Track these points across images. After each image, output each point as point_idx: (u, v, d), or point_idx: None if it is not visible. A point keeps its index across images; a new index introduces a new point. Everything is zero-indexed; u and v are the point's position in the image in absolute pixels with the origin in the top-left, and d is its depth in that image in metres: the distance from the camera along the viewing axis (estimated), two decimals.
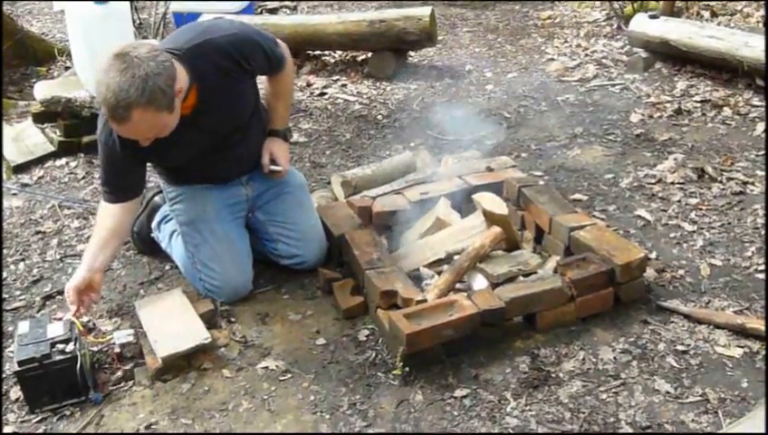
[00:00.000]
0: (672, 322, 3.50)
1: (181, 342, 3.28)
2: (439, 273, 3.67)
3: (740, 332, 3.39)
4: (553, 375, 3.20)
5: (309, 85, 6.76)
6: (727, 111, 5.79)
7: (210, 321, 3.51)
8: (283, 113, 3.84)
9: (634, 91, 6.33)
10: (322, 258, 3.93)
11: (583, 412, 3.00)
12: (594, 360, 3.28)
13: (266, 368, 3.31)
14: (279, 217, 3.84)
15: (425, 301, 3.34)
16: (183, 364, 3.29)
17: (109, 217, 3.47)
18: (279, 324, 3.60)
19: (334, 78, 6.97)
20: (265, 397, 3.15)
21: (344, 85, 6.79)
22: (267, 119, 3.79)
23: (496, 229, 3.69)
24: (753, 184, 4.67)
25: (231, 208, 3.76)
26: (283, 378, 3.25)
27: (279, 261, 3.90)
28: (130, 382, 3.24)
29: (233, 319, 3.63)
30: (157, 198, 4.05)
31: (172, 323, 3.39)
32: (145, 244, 4.14)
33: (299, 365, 3.32)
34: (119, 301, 3.79)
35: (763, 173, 4.81)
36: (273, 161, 3.75)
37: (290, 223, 3.83)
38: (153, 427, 3.01)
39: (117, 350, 3.32)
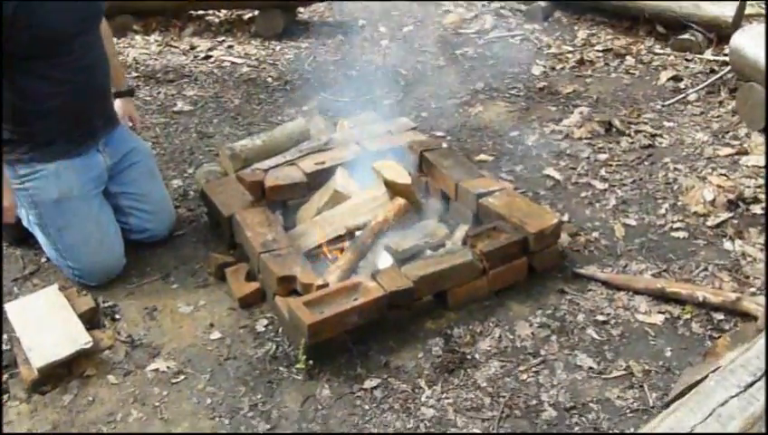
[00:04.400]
0: (590, 290, 3.35)
1: (59, 348, 2.95)
2: (339, 251, 3.40)
3: (660, 296, 3.26)
4: (469, 357, 3.00)
5: (192, 48, 6.34)
6: (630, 60, 5.72)
7: (92, 320, 3.20)
8: (120, 68, 4.08)
9: (534, 42, 6.19)
10: (172, 230, 3.83)
11: (503, 396, 2.82)
12: (511, 337, 3.10)
13: (156, 370, 3.01)
14: (132, 187, 3.69)
15: (326, 285, 3.07)
16: (63, 373, 2.97)
17: None
18: (168, 319, 3.29)
19: (219, 39, 6.56)
20: (157, 404, 2.86)
21: (231, 47, 6.40)
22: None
23: (400, 201, 3.46)
24: (661, 136, 4.59)
25: (95, 182, 3.53)
26: (175, 380, 2.96)
27: (129, 236, 3.68)
28: (5, 397, 2.90)
29: (117, 316, 3.31)
30: None
31: (48, 327, 3.05)
32: (13, 231, 3.74)
33: (192, 364, 3.04)
34: None
35: (671, 124, 4.73)
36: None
37: (142, 195, 3.70)
38: None
39: None
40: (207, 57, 6.19)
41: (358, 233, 3.46)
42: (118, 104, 3.86)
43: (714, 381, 2.24)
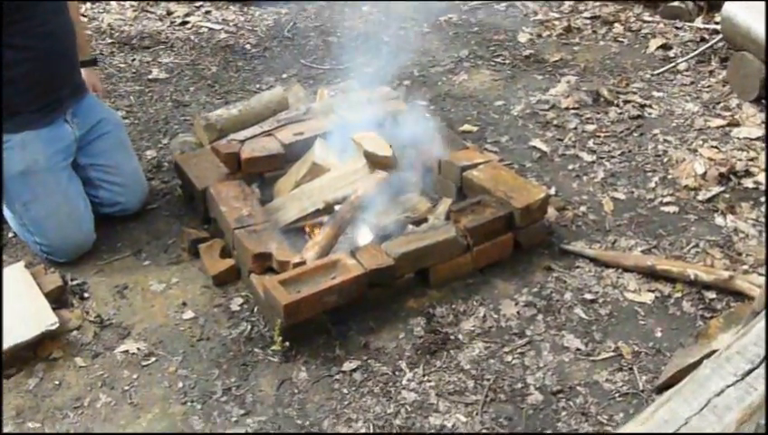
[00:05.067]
0: (577, 267, 3.23)
1: (24, 329, 2.83)
2: (318, 227, 3.27)
3: (650, 274, 3.15)
4: (452, 337, 2.89)
5: (169, 14, 6.17)
6: (619, 28, 5.59)
7: (59, 299, 3.08)
8: (85, 37, 3.97)
9: (520, 9, 6.05)
10: (144, 203, 3.72)
11: (488, 379, 2.71)
12: (496, 316, 2.99)
13: (126, 352, 2.89)
14: (101, 159, 3.56)
15: (303, 263, 2.95)
16: (28, 355, 2.85)
17: None
18: (139, 297, 3.16)
19: (197, 4, 6.36)
20: (126, 388, 2.74)
21: (208, 12, 6.23)
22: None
23: (381, 174, 3.32)
24: (650, 106, 4.47)
25: (63, 154, 3.40)
26: (146, 363, 2.84)
27: (99, 210, 3.55)
28: None
29: (86, 294, 3.18)
30: None
31: (13, 307, 2.91)
32: None
33: (164, 346, 2.92)
34: None
35: (660, 94, 4.61)
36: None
37: (113, 167, 3.58)
38: None
39: None
40: (184, 23, 6.02)
41: (337, 207, 3.32)
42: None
43: (709, 368, 2.12)
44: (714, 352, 2.36)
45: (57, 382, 2.76)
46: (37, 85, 3.26)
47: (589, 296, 3.07)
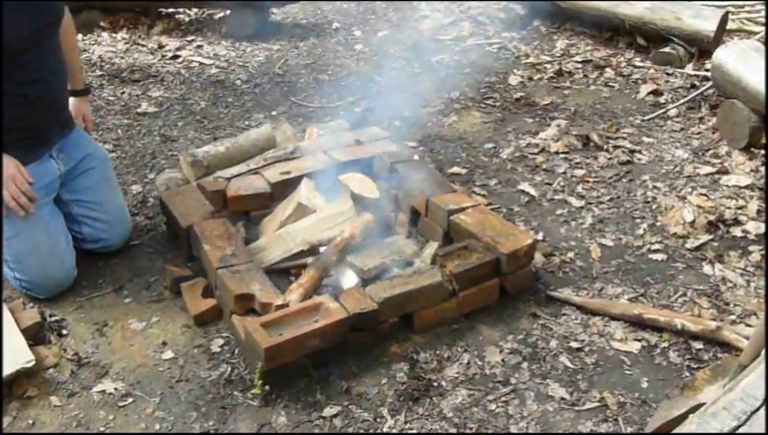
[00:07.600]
0: (564, 314, 3.19)
1: None
2: (302, 268, 3.22)
3: (637, 323, 3.11)
4: (435, 384, 2.84)
5: (161, 47, 6.17)
6: (609, 73, 5.60)
7: (36, 336, 3.02)
8: (79, 65, 3.81)
9: (512, 51, 6.05)
10: (128, 240, 3.66)
11: (470, 428, 2.66)
12: (480, 363, 2.94)
13: (103, 392, 2.83)
14: (86, 195, 3.51)
15: (286, 305, 2.90)
16: (2, 393, 2.78)
17: None
18: (119, 335, 3.10)
19: (189, 39, 6.39)
20: (102, 429, 2.68)
21: (200, 47, 6.24)
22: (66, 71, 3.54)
23: (367, 216, 3.29)
24: (640, 152, 4.45)
25: (46, 190, 3.35)
26: (122, 403, 2.78)
27: (81, 245, 3.51)
28: None
29: (64, 331, 3.12)
30: None
31: None
32: None
33: (142, 386, 2.86)
34: None
35: (650, 140, 4.60)
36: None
37: (97, 203, 3.52)
38: None
39: None
40: (175, 57, 6.02)
41: (322, 249, 3.29)
42: (72, 103, 3.64)
43: (694, 424, 2.08)
44: (700, 405, 2.32)
45: (31, 422, 2.70)
46: (25, 127, 3.23)
47: (575, 344, 3.02)
